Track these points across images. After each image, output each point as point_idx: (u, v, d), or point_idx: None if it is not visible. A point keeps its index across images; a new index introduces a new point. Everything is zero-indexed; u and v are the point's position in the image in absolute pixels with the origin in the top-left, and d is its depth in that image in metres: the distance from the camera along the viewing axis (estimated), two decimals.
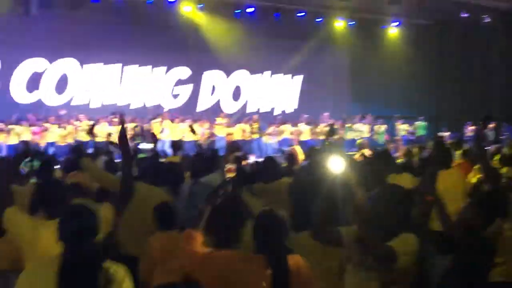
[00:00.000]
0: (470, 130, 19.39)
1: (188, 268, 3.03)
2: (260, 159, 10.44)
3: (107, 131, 15.84)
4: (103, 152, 8.76)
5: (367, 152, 9.77)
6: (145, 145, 13.70)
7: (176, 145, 9.72)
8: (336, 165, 3.19)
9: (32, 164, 7.17)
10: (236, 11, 20.64)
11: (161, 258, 4.27)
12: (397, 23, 22.84)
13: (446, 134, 19.04)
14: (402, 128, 21.38)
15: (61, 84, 18.68)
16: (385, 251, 3.09)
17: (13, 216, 3.59)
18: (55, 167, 6.93)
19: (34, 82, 18.23)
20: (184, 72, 20.69)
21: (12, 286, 3.92)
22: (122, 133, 4.81)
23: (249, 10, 20.56)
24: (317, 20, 21.67)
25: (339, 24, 22.00)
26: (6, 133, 15.98)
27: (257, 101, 22.22)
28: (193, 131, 7.35)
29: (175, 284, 4.09)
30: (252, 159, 13.09)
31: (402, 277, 3.16)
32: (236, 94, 21.77)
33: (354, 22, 22.15)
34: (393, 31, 23.10)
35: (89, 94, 19.26)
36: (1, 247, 4.32)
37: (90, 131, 8.90)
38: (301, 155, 8.43)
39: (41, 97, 18.40)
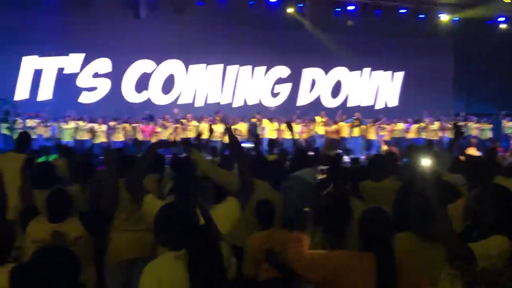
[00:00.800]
0: None
1: (297, 268, 3.09)
2: (364, 157, 10.27)
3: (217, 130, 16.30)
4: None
5: (474, 151, 9.47)
6: (246, 144, 14.01)
7: (272, 143, 9.82)
8: (427, 163, 3.26)
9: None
10: (337, 9, 20.61)
11: (262, 256, 4.36)
12: (504, 18, 21.78)
13: None
14: (509, 125, 20.22)
15: (168, 84, 19.42)
16: (463, 252, 3.02)
17: (152, 201, 3.83)
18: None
19: (143, 83, 19.06)
20: (283, 71, 20.85)
21: (134, 275, 4.50)
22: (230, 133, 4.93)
23: (349, 8, 20.47)
24: (419, 16, 21.22)
25: (443, 20, 21.35)
26: (116, 131, 16.83)
27: (358, 96, 21.99)
28: (290, 128, 7.38)
29: (279, 279, 4.23)
30: (350, 156, 12.96)
31: (489, 278, 3.04)
32: (336, 90, 21.66)
33: (458, 18, 21.40)
34: (500, 27, 22.02)
35: (193, 93, 19.89)
36: (133, 237, 4.74)
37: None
38: None
39: (150, 96, 19.21)
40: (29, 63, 17.71)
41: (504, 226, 3.12)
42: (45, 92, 17.94)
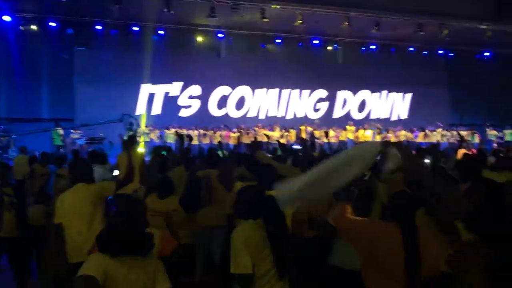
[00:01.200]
0: None
1: (342, 228, 2.99)
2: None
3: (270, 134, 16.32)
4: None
5: (465, 151, 9.13)
6: (296, 146, 13.96)
7: (313, 145, 9.73)
8: (428, 161, 3.18)
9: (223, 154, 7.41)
10: (362, 48, 20.35)
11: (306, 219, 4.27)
12: (488, 53, 21.00)
13: None
14: (491, 133, 19.29)
15: (240, 103, 19.55)
16: (448, 227, 2.94)
17: (239, 185, 3.97)
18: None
19: (222, 102, 19.27)
20: (323, 93, 20.60)
21: (215, 238, 4.64)
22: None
23: (372, 47, 20.18)
24: (424, 52, 20.73)
25: (441, 54, 20.74)
26: (204, 137, 17.12)
27: (378, 111, 21.48)
28: (326, 135, 7.33)
29: (323, 236, 4.13)
30: None
31: (469, 247, 2.87)
32: (362, 107, 21.25)
33: (453, 54, 20.72)
34: (485, 58, 21.24)
35: (258, 109, 19.93)
36: (210, 210, 4.74)
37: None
38: None
39: (227, 111, 19.38)
40: (145, 89, 18.19)
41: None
42: (156, 109, 18.39)
